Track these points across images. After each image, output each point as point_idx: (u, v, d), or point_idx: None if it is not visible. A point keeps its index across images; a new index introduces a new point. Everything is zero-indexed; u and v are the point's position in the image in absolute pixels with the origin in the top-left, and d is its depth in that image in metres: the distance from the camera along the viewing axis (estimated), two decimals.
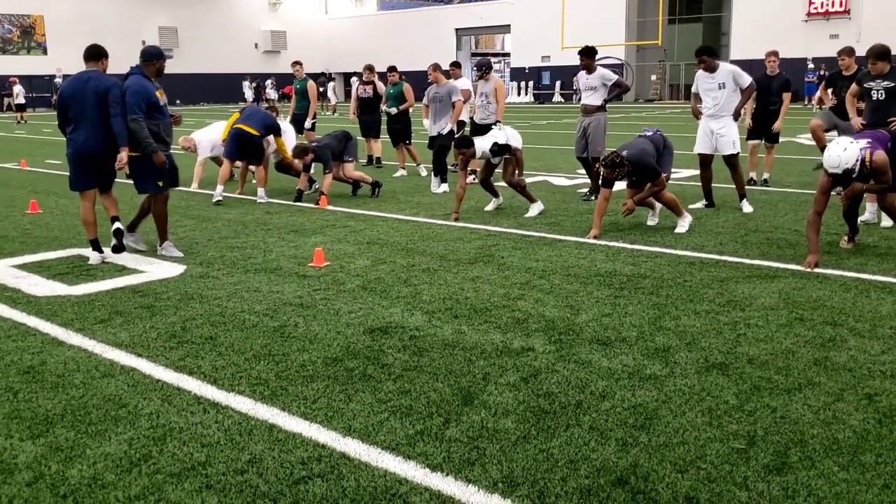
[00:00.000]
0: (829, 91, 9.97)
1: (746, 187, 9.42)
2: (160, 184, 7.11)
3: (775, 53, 10.82)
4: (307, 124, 13.38)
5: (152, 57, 7.08)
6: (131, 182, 7.28)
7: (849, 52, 9.60)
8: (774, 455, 3.24)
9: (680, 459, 3.22)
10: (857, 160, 6.22)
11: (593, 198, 9.82)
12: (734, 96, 8.93)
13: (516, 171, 8.95)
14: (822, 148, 10.17)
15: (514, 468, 3.18)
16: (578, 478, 3.10)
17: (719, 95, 8.92)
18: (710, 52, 9.06)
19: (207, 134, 11.83)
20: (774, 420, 3.57)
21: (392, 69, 13.42)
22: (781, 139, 12.31)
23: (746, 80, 8.95)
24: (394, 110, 13.08)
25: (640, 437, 3.43)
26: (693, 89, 9.38)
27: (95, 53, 6.88)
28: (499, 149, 8.79)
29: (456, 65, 13.02)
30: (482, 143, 8.88)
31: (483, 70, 11.61)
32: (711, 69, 8.93)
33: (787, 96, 10.61)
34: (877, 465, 3.15)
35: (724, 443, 3.36)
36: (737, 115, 9.02)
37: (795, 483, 3.02)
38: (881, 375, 4.07)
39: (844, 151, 6.22)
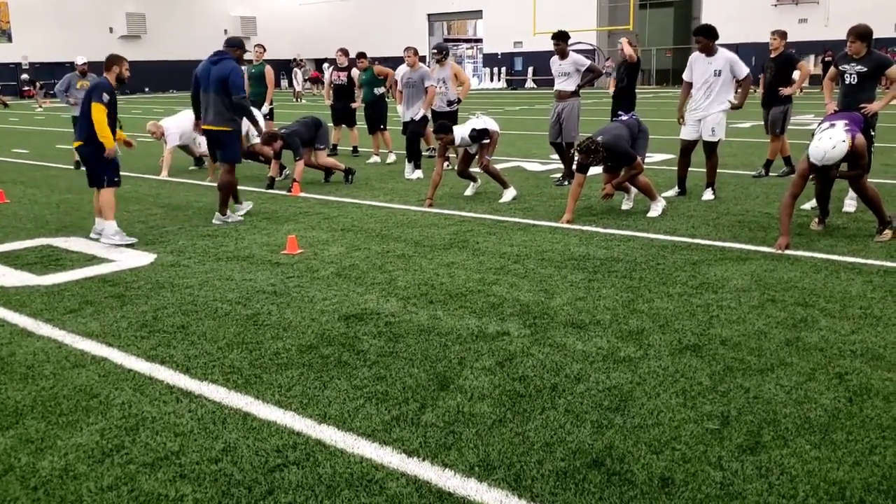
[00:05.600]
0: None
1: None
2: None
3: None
4: (264, 110, 13.17)
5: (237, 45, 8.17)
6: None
7: (780, 34, 10.04)
8: (748, 435, 3.27)
9: (655, 440, 3.24)
10: (841, 157, 6.25)
11: (566, 183, 9.84)
12: (727, 86, 8.54)
13: (488, 154, 8.94)
14: (772, 160, 10.37)
15: (490, 452, 3.18)
16: (554, 460, 3.10)
17: (713, 83, 8.50)
18: (709, 33, 8.51)
19: (176, 121, 11.68)
20: (747, 400, 3.60)
21: (361, 55, 13.36)
22: (747, 124, 12.48)
23: (743, 70, 8.53)
24: (382, 89, 12.96)
25: (614, 419, 3.45)
26: (685, 76, 8.88)
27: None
28: (477, 134, 8.81)
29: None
30: (461, 130, 8.89)
31: (443, 54, 11.51)
32: (709, 52, 8.52)
33: None
34: (847, 443, 3.19)
35: (698, 423, 3.38)
36: (739, 105, 8.64)
37: (769, 462, 3.06)
38: (851, 355, 4.13)
39: (833, 149, 6.18)
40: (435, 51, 11.67)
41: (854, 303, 4.99)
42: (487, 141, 8.90)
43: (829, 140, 6.22)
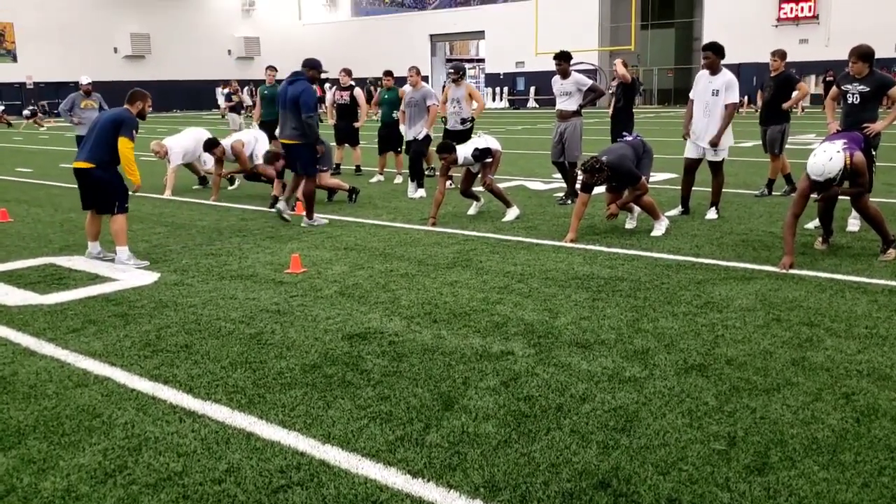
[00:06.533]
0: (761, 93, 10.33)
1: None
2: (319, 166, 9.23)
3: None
4: (278, 131, 13.19)
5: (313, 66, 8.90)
6: None
7: (780, 54, 10.12)
8: (755, 455, 3.25)
9: (661, 461, 3.21)
10: (839, 170, 6.26)
11: (569, 202, 9.85)
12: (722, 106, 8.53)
13: (490, 173, 8.96)
14: (774, 179, 10.37)
15: (495, 473, 3.16)
16: (560, 481, 3.08)
17: (711, 102, 8.53)
18: (717, 50, 8.54)
19: (180, 140, 11.73)
20: (754, 420, 3.58)
21: (388, 73, 13.34)
22: (749, 143, 12.48)
23: (731, 97, 8.50)
24: (396, 114, 12.87)
25: (620, 439, 3.42)
26: (691, 94, 8.87)
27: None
28: (480, 153, 8.82)
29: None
30: (463, 150, 8.91)
31: (460, 74, 11.53)
32: (714, 70, 8.55)
33: None
34: (856, 464, 3.17)
35: (705, 444, 3.36)
36: (715, 141, 8.51)
37: (776, 483, 3.03)
38: (858, 374, 4.10)
39: (830, 161, 6.23)
40: (451, 70, 11.67)
41: (859, 322, 4.97)
42: (490, 160, 8.92)
43: (824, 153, 6.28)
